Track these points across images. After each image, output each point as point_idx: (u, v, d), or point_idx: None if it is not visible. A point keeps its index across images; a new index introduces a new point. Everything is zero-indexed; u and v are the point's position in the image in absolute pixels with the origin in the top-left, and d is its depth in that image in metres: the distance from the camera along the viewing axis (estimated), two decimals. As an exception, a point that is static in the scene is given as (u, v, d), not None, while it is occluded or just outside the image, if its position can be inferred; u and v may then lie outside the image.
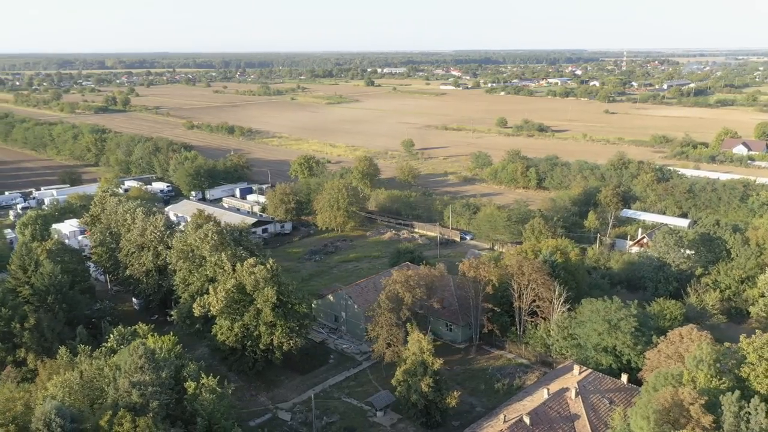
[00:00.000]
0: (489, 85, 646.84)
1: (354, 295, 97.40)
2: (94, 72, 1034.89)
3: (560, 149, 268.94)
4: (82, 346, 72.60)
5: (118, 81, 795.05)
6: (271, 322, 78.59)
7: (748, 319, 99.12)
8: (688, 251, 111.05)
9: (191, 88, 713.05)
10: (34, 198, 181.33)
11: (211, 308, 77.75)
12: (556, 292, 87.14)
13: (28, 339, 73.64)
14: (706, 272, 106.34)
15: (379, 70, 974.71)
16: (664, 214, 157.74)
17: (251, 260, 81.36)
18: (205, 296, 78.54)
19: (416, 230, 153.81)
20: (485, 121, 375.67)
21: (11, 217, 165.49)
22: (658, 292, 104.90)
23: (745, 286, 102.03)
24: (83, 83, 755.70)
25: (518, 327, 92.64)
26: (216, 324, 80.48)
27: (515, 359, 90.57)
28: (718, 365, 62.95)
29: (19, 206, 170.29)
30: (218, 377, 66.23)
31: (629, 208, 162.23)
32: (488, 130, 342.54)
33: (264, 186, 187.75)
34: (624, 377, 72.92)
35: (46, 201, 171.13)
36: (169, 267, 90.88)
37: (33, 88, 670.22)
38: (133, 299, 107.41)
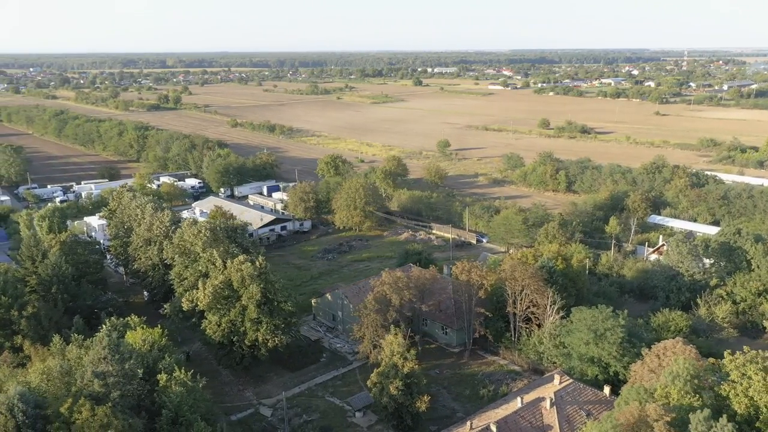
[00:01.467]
0: (539, 85, 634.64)
1: (350, 294, 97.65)
2: (154, 71, 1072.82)
3: (600, 152, 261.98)
4: (75, 335, 75.64)
5: (174, 80, 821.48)
6: (256, 318, 79.79)
7: (763, 334, 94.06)
8: (706, 261, 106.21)
9: (243, 87, 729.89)
10: (73, 192, 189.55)
11: (199, 303, 79.58)
12: (549, 299, 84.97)
13: (25, 326, 77.26)
14: (722, 283, 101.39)
15: (429, 70, 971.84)
16: (695, 221, 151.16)
17: (241, 257, 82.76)
18: (194, 291, 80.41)
19: (434, 232, 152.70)
20: (528, 122, 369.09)
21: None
22: (669, 303, 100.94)
23: (762, 300, 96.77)
24: (142, 82, 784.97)
25: (513, 333, 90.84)
26: (205, 319, 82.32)
27: (508, 366, 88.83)
28: (696, 381, 60.21)
29: (57, 199, 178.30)
30: (192, 371, 67.97)
31: (659, 214, 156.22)
32: (529, 131, 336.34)
33: (291, 184, 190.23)
34: (606, 389, 70.46)
35: (83, 195, 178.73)
36: (166, 261, 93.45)
37: (95, 86, 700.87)
38: (144, 292, 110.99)
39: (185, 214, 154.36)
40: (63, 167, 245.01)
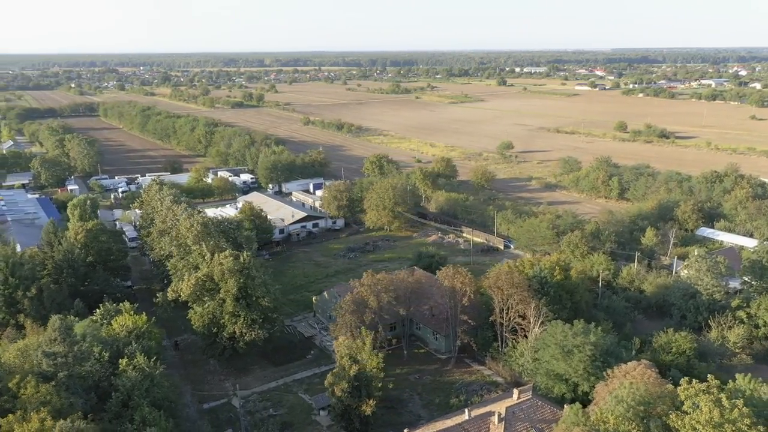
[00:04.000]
0: (630, 86, 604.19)
1: (344, 293, 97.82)
2: (250, 70, 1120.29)
3: (674, 158, 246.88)
4: (71, 317, 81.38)
5: (266, 78, 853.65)
6: (233, 312, 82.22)
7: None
8: (731, 281, 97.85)
9: (328, 85, 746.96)
10: (137, 183, 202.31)
11: (182, 294, 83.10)
12: (532, 310, 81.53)
13: (28, 306, 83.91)
14: (745, 305, 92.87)
15: (517, 69, 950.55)
16: (751, 236, 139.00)
17: (226, 252, 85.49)
18: (179, 282, 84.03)
19: (464, 235, 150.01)
20: (606, 124, 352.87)
21: (112, 200, 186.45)
22: (684, 323, 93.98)
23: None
24: (235, 80, 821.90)
25: (500, 343, 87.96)
26: (191, 309, 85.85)
27: (492, 377, 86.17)
28: (642, 408, 56.06)
29: (120, 190, 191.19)
30: (155, 357, 71.17)
31: (712, 226, 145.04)
32: (603, 134, 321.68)
33: (338, 182, 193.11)
34: (566, 408, 66.73)
35: (143, 186, 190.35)
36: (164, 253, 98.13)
37: (192, 84, 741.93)
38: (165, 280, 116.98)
39: (228, 207, 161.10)
40: (138, 160, 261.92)
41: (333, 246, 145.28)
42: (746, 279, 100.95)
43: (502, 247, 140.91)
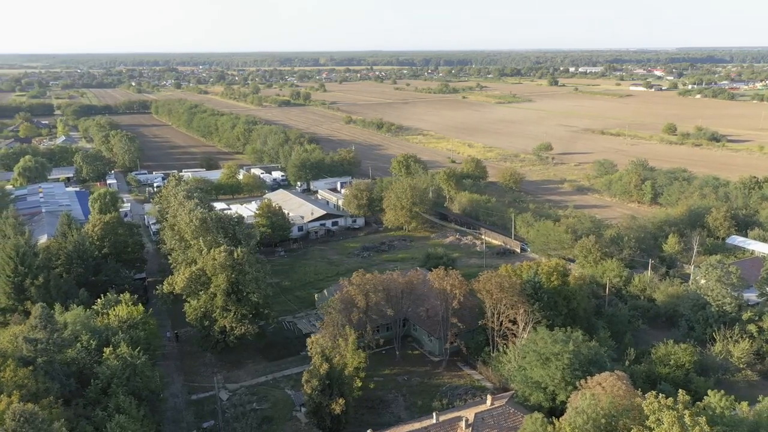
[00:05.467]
0: (688, 86, 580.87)
1: (341, 291, 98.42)
2: (304, 69, 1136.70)
3: (722, 162, 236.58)
4: (74, 306, 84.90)
5: (317, 77, 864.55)
6: (223, 306, 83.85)
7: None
8: (748, 292, 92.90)
9: (377, 84, 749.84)
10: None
11: (176, 287, 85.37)
12: (520, 316, 79.74)
13: (35, 294, 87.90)
14: (757, 318, 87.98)
15: (571, 69, 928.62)
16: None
17: (221, 248, 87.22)
18: (173, 276, 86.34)
19: (482, 237, 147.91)
20: (656, 126, 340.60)
21: (146, 194, 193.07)
22: (693, 334, 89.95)
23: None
24: (287, 79, 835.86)
25: (492, 348, 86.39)
26: (187, 302, 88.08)
27: (481, 381, 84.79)
28: (603, 421, 54.12)
29: (155, 184, 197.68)
30: (139, 348, 73.36)
31: (745, 235, 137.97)
32: (650, 136, 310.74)
33: (359, 181, 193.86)
34: (526, 418, 64.99)
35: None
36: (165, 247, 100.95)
37: (245, 83, 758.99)
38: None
39: (253, 204, 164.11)
40: (179, 156, 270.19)
41: (349, 244, 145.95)
42: (765, 290, 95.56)
43: (518, 250, 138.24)
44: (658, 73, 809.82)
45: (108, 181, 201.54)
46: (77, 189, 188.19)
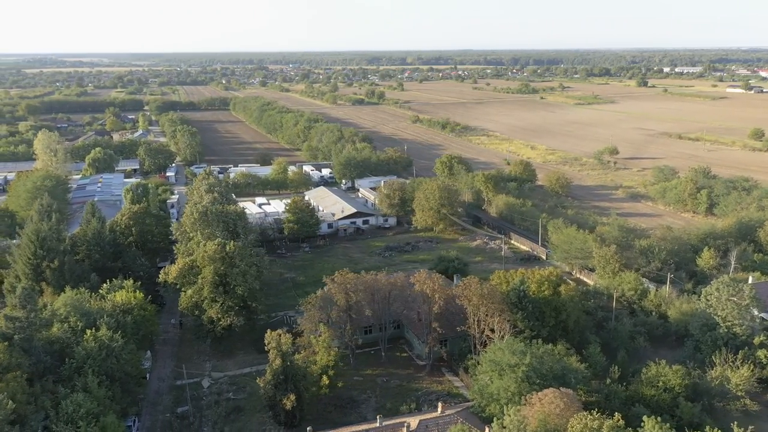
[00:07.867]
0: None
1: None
2: (389, 68, 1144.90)
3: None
4: (82, 289, 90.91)
5: (399, 76, 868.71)
6: (211, 297, 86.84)
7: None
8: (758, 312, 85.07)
9: (457, 84, 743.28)
10: (229, 172, 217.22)
11: (169, 277, 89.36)
12: (497, 324, 77.21)
13: (49, 276, 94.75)
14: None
15: (666, 69, 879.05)
16: None
17: (217, 241, 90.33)
18: (169, 266, 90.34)
19: (511, 241, 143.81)
20: (743, 131, 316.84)
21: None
22: (698, 356, 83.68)
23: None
24: (369, 77, 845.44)
25: (473, 355, 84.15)
26: (183, 291, 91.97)
27: (460, 389, 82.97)
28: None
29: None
30: (119, 332, 77.48)
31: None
32: (732, 142, 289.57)
33: (393, 180, 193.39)
34: (487, 428, 62.89)
35: (231, 176, 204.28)
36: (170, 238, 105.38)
37: (328, 81, 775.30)
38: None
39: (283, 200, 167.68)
40: (243, 151, 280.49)
41: (375, 243, 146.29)
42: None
43: (544, 257, 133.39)
44: (763, 73, 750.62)
45: (167, 174, 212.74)
46: (138, 180, 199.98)
